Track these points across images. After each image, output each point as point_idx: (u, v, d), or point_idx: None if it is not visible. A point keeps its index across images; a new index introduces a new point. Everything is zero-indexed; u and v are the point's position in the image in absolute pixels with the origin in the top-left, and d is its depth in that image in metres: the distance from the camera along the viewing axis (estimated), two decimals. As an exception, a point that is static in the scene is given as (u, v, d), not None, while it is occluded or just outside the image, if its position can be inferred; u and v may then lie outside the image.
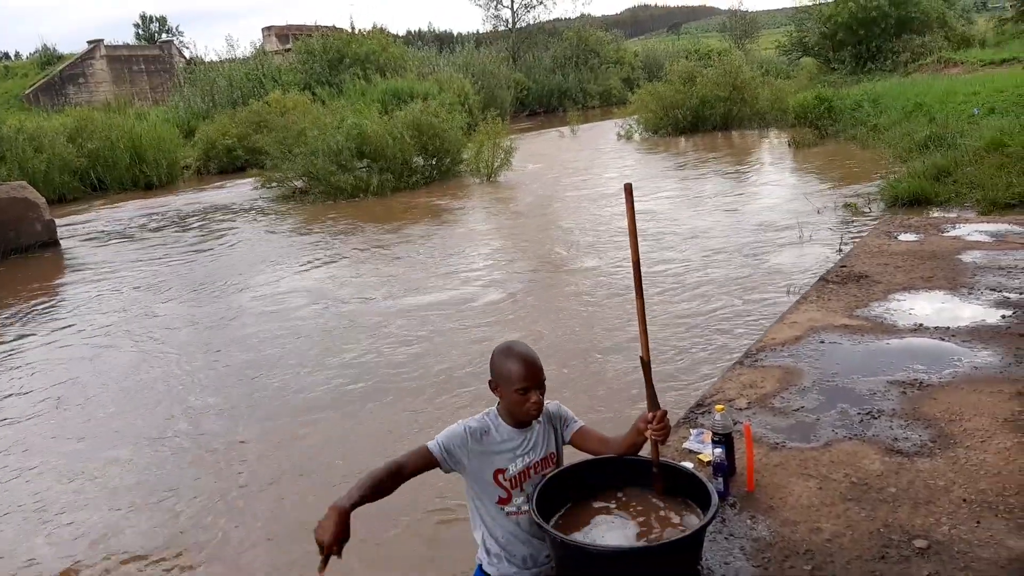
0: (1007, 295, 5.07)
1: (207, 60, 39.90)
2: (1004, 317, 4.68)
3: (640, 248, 2.37)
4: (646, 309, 2.38)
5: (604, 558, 2.10)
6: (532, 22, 49.39)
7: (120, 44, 45.39)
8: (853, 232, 9.55)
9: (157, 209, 18.31)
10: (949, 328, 4.57)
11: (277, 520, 4.70)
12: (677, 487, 2.33)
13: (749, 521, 2.87)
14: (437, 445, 2.32)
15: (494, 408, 2.43)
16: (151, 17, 63.15)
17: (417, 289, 9.24)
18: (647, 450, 2.40)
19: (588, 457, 2.47)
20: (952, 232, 6.92)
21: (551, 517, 2.27)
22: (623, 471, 2.40)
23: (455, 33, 60.40)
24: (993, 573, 2.48)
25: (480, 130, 18.33)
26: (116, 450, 5.80)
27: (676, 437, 3.55)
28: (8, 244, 13.77)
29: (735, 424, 3.30)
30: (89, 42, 42.56)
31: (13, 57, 54.51)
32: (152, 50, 47.04)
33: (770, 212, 11.56)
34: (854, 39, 26.72)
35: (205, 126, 26.68)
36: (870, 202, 10.97)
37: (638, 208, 2.37)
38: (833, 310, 5.11)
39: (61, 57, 43.26)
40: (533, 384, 2.31)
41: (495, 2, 48.84)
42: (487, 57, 38.88)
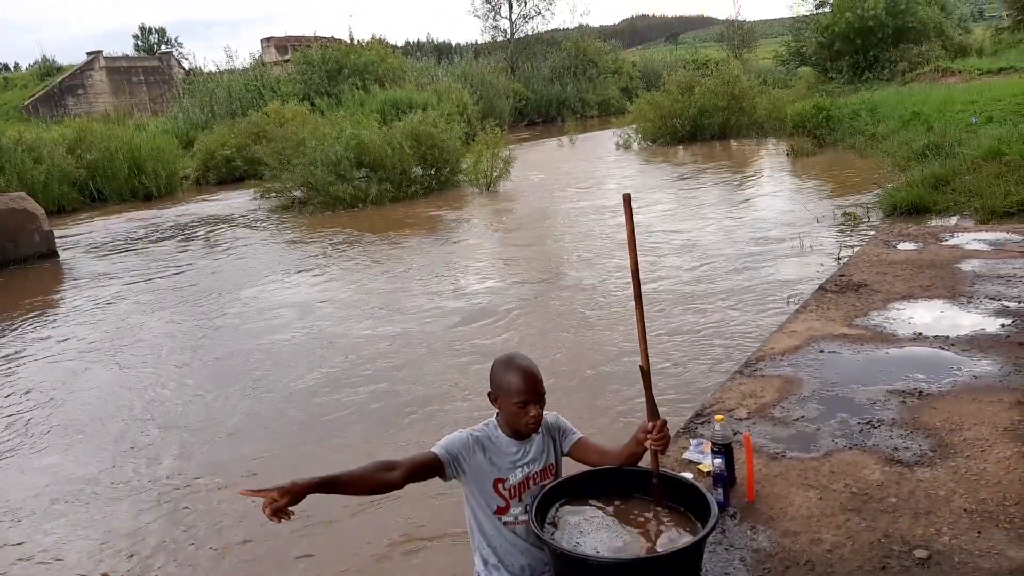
0: (1006, 304, 5.07)
1: (206, 71, 39.97)
2: (1003, 326, 4.68)
3: (638, 257, 2.37)
4: (645, 319, 2.38)
5: (604, 569, 2.09)
6: (530, 32, 49.56)
7: (119, 55, 45.54)
8: (852, 241, 9.56)
9: (156, 220, 18.32)
10: (948, 337, 4.57)
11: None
12: (677, 498, 2.32)
13: (749, 532, 2.86)
14: (443, 451, 2.30)
15: (493, 419, 2.43)
16: (150, 28, 63.62)
17: (411, 306, 8.99)
18: (647, 460, 2.40)
19: (587, 468, 2.47)
20: (951, 241, 6.92)
21: (550, 528, 2.26)
22: (623, 482, 2.40)
23: (454, 44, 60.63)
24: (994, 584, 2.47)
25: (479, 140, 18.36)
26: (62, 489, 5.43)
27: (676, 447, 3.54)
28: (7, 255, 13.76)
29: (735, 434, 3.29)
30: (88, 53, 42.69)
31: (12, 68, 54.75)
32: (151, 61, 47.19)
33: (769, 221, 11.57)
34: (851, 49, 26.82)
35: (204, 137, 26.70)
36: (869, 211, 10.99)
37: (637, 219, 2.37)
38: (832, 319, 5.11)
39: (60, 68, 43.39)
40: (533, 398, 2.31)
41: (493, 13, 49.02)
42: (486, 67, 38.99)
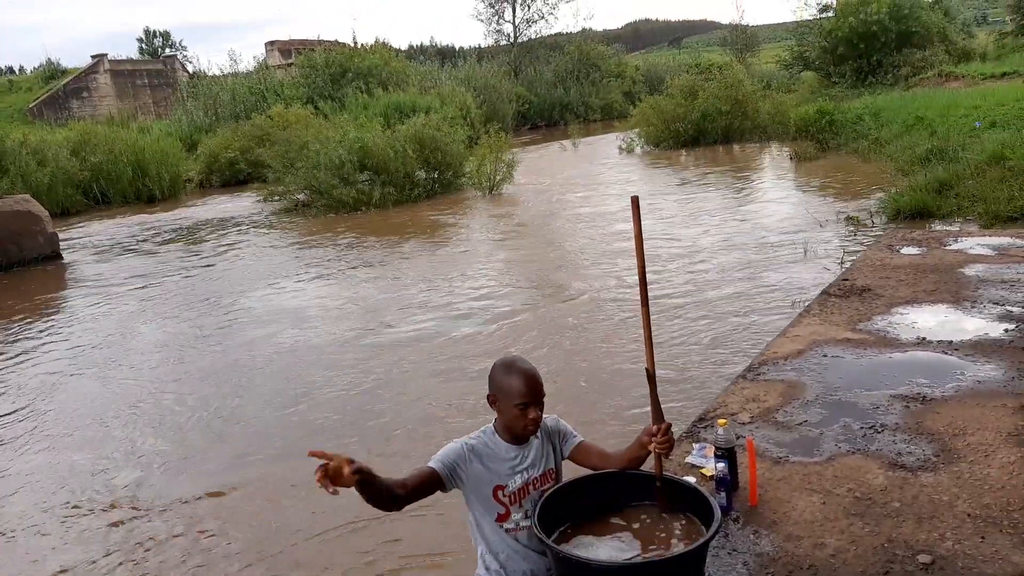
0: (1010, 309, 5.06)
1: (210, 74, 40.11)
2: (1007, 331, 4.68)
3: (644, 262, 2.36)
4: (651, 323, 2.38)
5: (607, 573, 2.09)
6: (534, 36, 49.66)
7: (124, 58, 45.71)
8: (855, 246, 9.55)
9: (159, 223, 18.35)
10: (952, 342, 4.56)
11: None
12: (680, 501, 2.32)
13: (752, 536, 2.86)
14: (439, 464, 2.29)
15: (490, 425, 2.42)
16: (155, 32, 63.70)
17: (403, 317, 8.73)
18: (649, 464, 2.39)
19: (589, 472, 2.46)
20: (954, 245, 6.92)
21: (552, 532, 2.26)
22: (625, 486, 2.39)
23: (457, 47, 60.69)
24: (998, 589, 2.46)
25: (482, 144, 18.38)
26: (34, 505, 5.19)
27: (679, 451, 3.54)
28: (11, 257, 13.80)
29: (738, 438, 3.29)
30: (93, 56, 42.84)
31: (18, 71, 54.87)
32: (155, 64, 47.33)
33: (772, 226, 11.56)
34: (855, 53, 26.80)
35: (208, 140, 26.77)
36: (872, 215, 10.97)
37: (645, 224, 2.37)
38: (836, 324, 5.10)
39: (65, 71, 43.56)
40: (533, 400, 2.30)
41: (497, 16, 49.16)
42: (489, 71, 39.06)
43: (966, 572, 2.55)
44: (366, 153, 17.20)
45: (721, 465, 2.96)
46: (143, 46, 62.38)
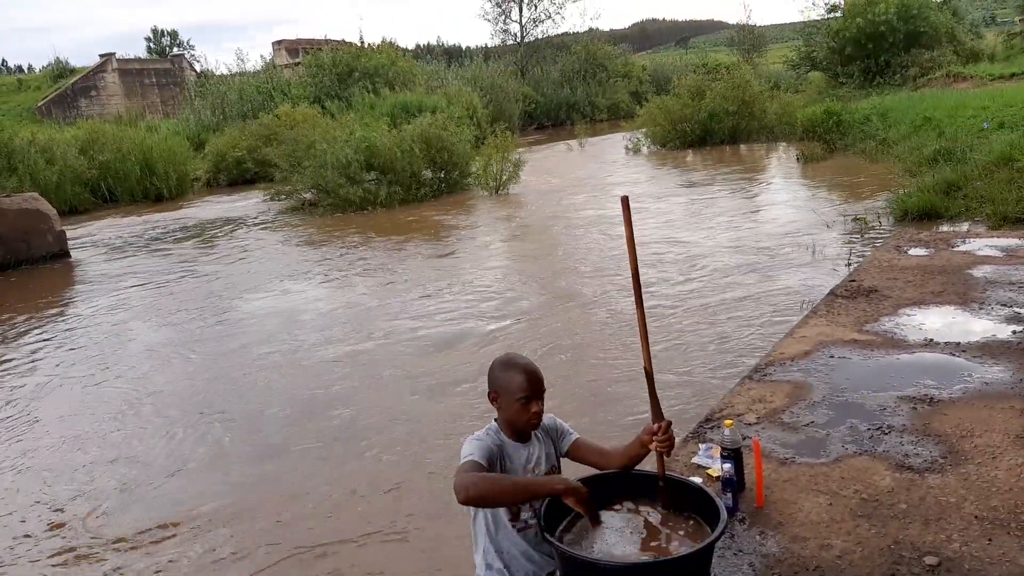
0: (1018, 310, 5.04)
1: (218, 73, 40.17)
2: (1015, 332, 4.66)
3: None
4: (647, 322, 2.37)
5: (612, 572, 2.09)
6: (540, 36, 49.64)
7: (132, 57, 45.86)
8: (862, 246, 9.53)
9: (167, 221, 18.42)
10: (960, 343, 4.55)
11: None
12: (686, 502, 2.32)
13: (758, 537, 2.86)
14: (483, 459, 2.22)
15: (493, 424, 2.41)
16: (163, 31, 63.98)
17: (407, 324, 8.54)
18: (650, 463, 2.39)
19: (592, 472, 2.46)
20: (962, 247, 6.89)
21: (557, 532, 2.26)
22: (630, 485, 2.39)
23: (464, 47, 60.75)
24: (1005, 591, 2.45)
25: (488, 143, 18.39)
26: None
27: (685, 452, 3.54)
28: (19, 255, 13.87)
29: (744, 439, 3.29)
30: (101, 55, 43.02)
31: (26, 70, 55.17)
32: (163, 63, 47.51)
33: (779, 226, 11.54)
34: (862, 53, 26.74)
35: (215, 139, 26.87)
36: (879, 216, 10.95)
37: (647, 225, 2.38)
38: (843, 324, 5.09)
39: (73, 70, 43.73)
40: (534, 394, 2.31)
41: (504, 16, 49.14)
42: (495, 71, 39.03)
43: (973, 574, 2.55)
44: (373, 152, 17.24)
45: (727, 466, 2.96)
46: (151, 45, 62.64)
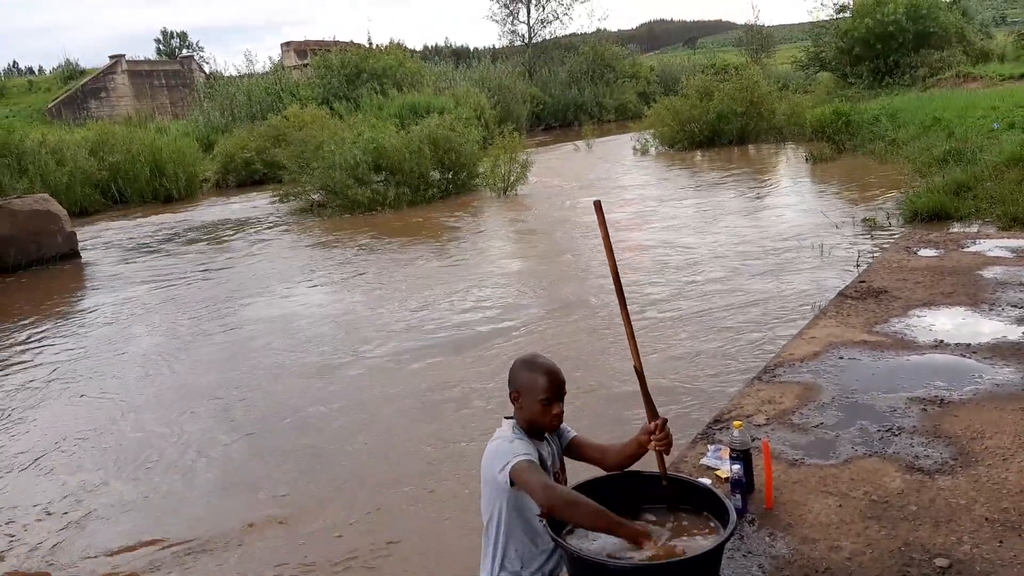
0: (1029, 311, 5.02)
1: (226, 75, 40.33)
2: (1026, 334, 4.64)
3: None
4: (632, 322, 2.39)
5: (622, 574, 2.09)
6: (548, 37, 49.60)
7: (141, 59, 46.00)
8: (872, 247, 9.50)
9: (176, 222, 18.50)
10: (970, 345, 4.53)
11: None
12: (694, 503, 2.32)
13: (768, 538, 2.85)
14: (535, 457, 2.26)
15: (511, 424, 2.41)
16: (172, 33, 64.10)
17: (416, 326, 8.52)
18: (649, 461, 2.39)
19: (600, 473, 2.47)
20: (972, 248, 6.86)
21: (563, 532, 2.26)
22: (638, 486, 2.40)
23: (471, 48, 60.56)
24: (1016, 594, 2.44)
25: (496, 144, 18.39)
26: None
27: (694, 453, 3.54)
28: (30, 256, 13.95)
29: (753, 440, 3.28)
30: (111, 57, 43.15)
31: (37, 72, 55.38)
32: (173, 65, 47.64)
33: (788, 227, 11.51)
34: (871, 54, 26.63)
35: (224, 140, 26.95)
36: (889, 217, 10.92)
37: (656, 225, 2.39)
38: (852, 325, 5.08)
39: (83, 72, 43.89)
40: (556, 395, 2.33)
41: (511, 17, 49.11)
42: (503, 72, 39.04)
43: (984, 576, 2.54)
44: (381, 153, 17.27)
45: (736, 467, 2.96)
46: (160, 47, 62.76)
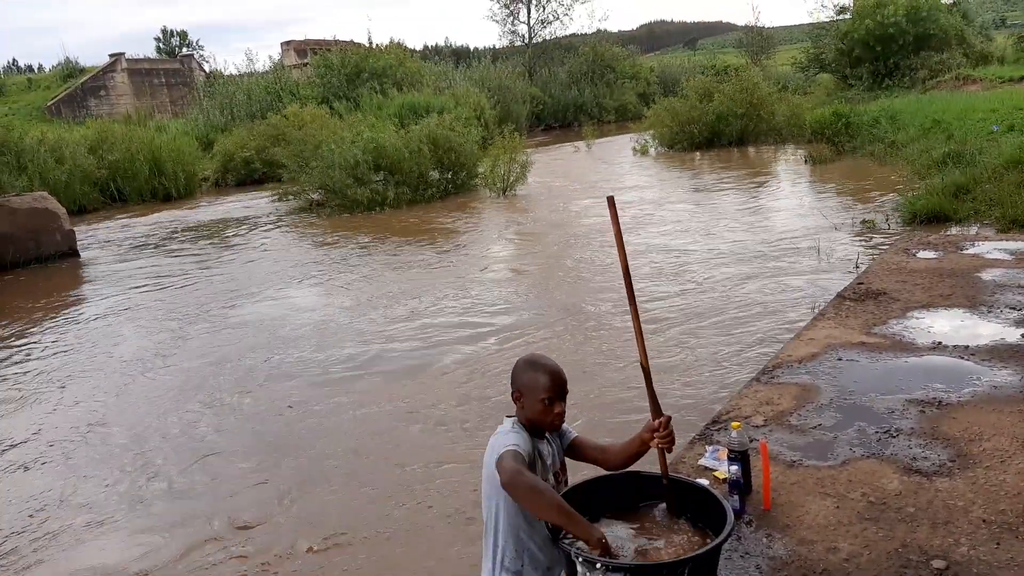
0: (1027, 314, 5.02)
1: (226, 74, 40.28)
2: (1024, 336, 4.64)
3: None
4: (641, 319, 2.38)
5: (619, 574, 2.09)
6: (548, 37, 49.61)
7: (141, 57, 45.95)
8: (871, 249, 9.50)
9: (175, 221, 18.48)
10: (968, 347, 4.53)
11: None
12: (692, 504, 2.32)
13: (765, 539, 2.85)
14: (522, 451, 2.19)
15: (513, 422, 2.40)
16: (172, 31, 63.93)
17: (415, 329, 8.35)
18: (650, 461, 2.39)
19: (601, 472, 2.47)
20: (971, 250, 6.87)
21: (562, 533, 2.26)
22: (637, 486, 2.40)
23: (471, 48, 60.59)
24: (1014, 596, 2.45)
25: (496, 144, 18.39)
26: None
27: (692, 454, 3.54)
28: (29, 254, 13.94)
29: (751, 441, 3.29)
30: (111, 55, 43.12)
31: (36, 70, 55.38)
32: (172, 64, 47.61)
33: (787, 228, 11.51)
34: (871, 56, 26.66)
35: (224, 139, 26.92)
36: (888, 219, 10.91)
37: (655, 226, 2.38)
38: (851, 327, 5.08)
39: (83, 70, 43.84)
40: (558, 395, 2.33)
41: (512, 18, 49.12)
42: (503, 72, 39.03)
43: (981, 578, 2.54)
44: (380, 153, 17.26)
45: (734, 468, 2.96)
46: (160, 45, 62.64)
